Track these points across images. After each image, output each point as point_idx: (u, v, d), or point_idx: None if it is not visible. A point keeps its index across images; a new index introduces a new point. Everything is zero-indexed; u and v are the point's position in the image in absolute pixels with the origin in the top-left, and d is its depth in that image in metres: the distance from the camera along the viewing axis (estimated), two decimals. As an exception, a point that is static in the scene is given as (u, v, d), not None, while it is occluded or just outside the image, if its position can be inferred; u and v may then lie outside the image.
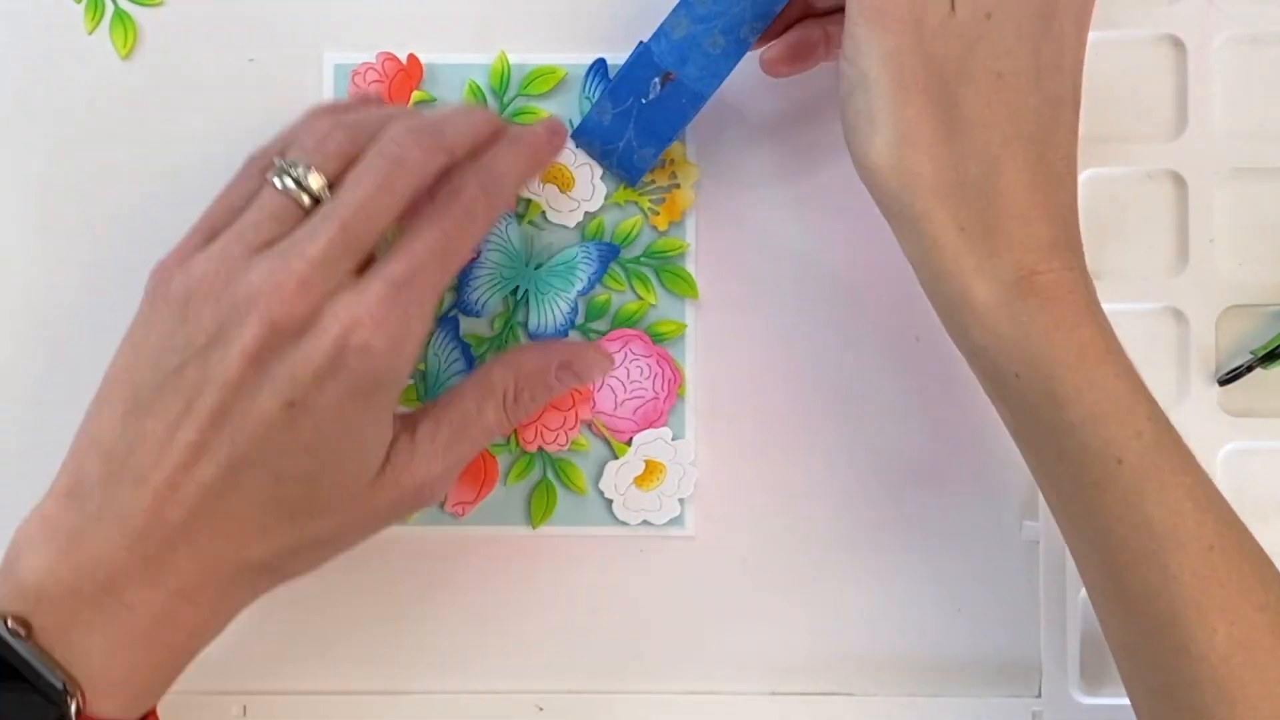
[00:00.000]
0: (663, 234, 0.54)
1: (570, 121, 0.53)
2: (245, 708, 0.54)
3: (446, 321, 0.54)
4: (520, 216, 0.54)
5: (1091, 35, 0.53)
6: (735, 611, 0.54)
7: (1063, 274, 0.43)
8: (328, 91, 0.54)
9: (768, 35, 0.50)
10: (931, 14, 0.43)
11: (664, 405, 0.54)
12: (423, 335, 0.44)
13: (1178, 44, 0.54)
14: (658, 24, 0.48)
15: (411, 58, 0.54)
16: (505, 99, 0.54)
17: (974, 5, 0.43)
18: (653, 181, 0.54)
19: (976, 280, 0.43)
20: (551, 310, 0.54)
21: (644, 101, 0.50)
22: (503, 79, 0.54)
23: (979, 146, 0.43)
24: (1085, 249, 0.53)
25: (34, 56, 0.55)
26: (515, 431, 0.54)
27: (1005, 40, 0.43)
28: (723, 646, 0.54)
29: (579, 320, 0.54)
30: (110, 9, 0.54)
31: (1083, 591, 0.53)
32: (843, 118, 0.45)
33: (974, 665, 0.54)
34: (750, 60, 0.51)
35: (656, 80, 0.49)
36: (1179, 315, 0.54)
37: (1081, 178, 0.54)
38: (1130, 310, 0.54)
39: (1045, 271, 0.43)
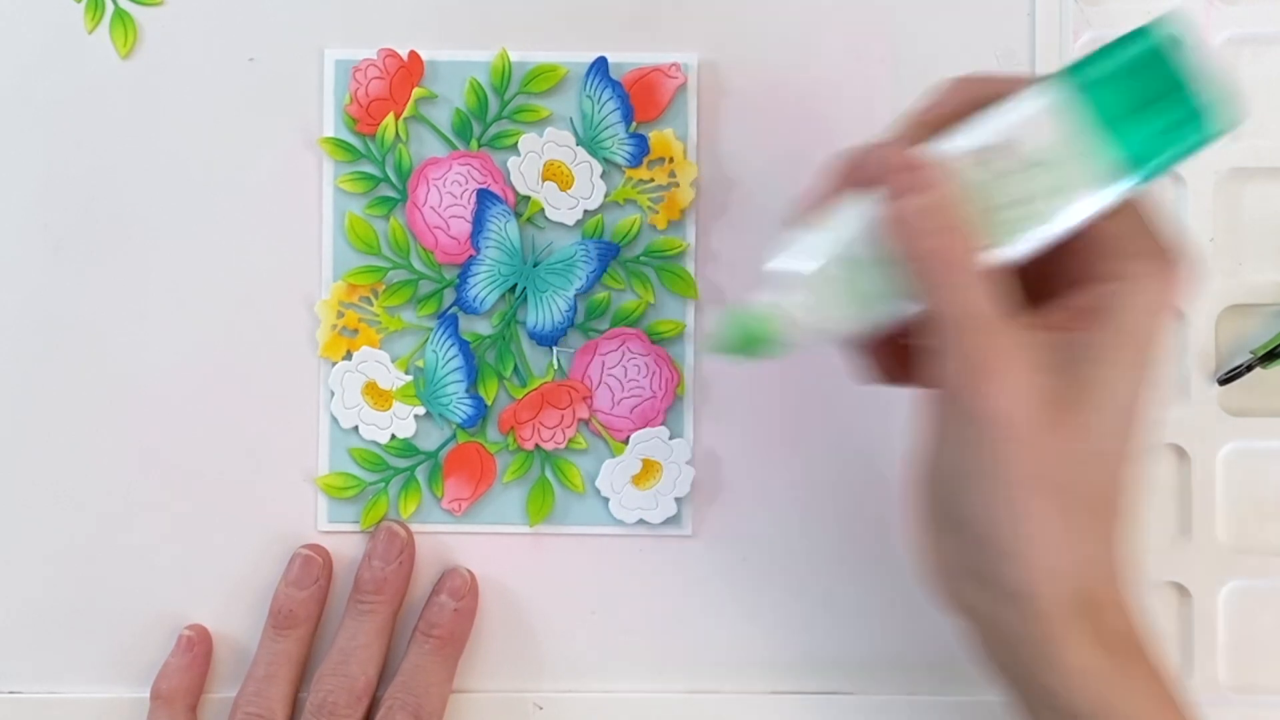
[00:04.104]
0: (662, 233, 0.54)
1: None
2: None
3: (445, 319, 0.54)
4: (519, 214, 0.54)
5: (1091, 35, 0.54)
6: (735, 611, 0.54)
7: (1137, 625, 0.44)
8: (328, 88, 0.54)
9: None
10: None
11: (661, 404, 0.54)
12: None
13: (1177, 44, 0.54)
14: (657, 23, 0.47)
15: (413, 54, 0.54)
16: (506, 96, 0.54)
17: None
18: (652, 180, 0.54)
19: (1073, 647, 0.43)
20: (550, 308, 0.54)
21: None
22: (504, 76, 0.54)
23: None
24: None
25: (34, 56, 0.54)
26: (513, 429, 0.54)
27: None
28: (723, 646, 0.54)
29: (578, 319, 0.54)
30: (110, 9, 0.55)
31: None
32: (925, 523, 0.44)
33: (975, 664, 0.54)
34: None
35: None
36: (1179, 315, 0.54)
37: (1081, 177, 0.54)
38: (1130, 310, 0.54)
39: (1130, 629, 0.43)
